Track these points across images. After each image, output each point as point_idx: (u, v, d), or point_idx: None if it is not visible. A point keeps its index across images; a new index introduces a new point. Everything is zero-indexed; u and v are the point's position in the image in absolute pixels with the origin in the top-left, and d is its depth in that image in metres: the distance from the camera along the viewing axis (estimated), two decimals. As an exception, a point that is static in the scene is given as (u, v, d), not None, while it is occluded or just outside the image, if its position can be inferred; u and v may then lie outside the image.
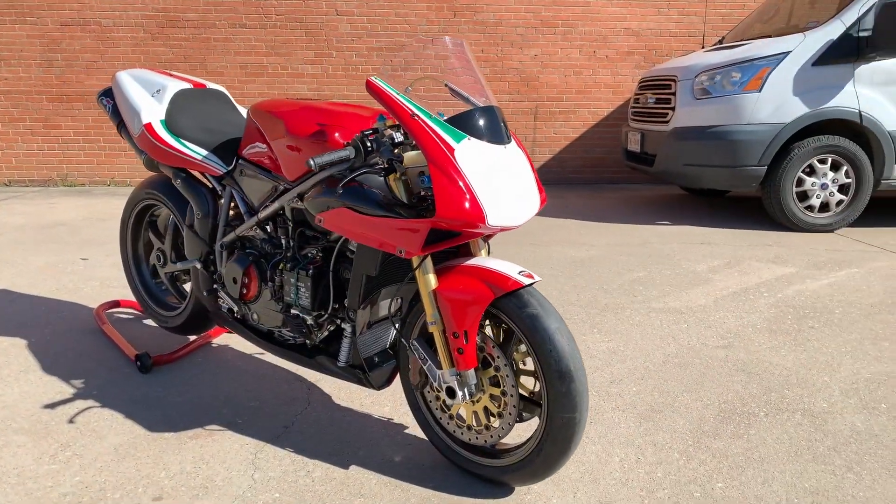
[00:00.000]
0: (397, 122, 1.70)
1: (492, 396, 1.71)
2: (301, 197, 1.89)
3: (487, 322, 1.73)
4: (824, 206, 4.88)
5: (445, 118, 1.61)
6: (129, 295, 3.36)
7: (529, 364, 1.83)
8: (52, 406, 2.23)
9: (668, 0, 6.94)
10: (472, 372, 1.67)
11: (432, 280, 1.70)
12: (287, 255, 2.00)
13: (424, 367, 1.77)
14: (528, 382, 2.20)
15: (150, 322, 3.01)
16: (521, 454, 1.69)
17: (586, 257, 4.22)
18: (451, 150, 1.53)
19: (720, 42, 6.00)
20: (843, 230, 4.96)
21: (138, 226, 2.71)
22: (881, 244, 4.51)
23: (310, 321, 1.97)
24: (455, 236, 1.59)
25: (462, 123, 1.59)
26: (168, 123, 2.31)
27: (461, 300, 1.63)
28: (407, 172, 1.65)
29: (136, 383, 2.40)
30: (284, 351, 2.11)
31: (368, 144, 1.61)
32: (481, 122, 1.59)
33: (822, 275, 3.79)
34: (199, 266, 2.25)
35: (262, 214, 2.01)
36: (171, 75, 2.44)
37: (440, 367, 1.73)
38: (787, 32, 5.04)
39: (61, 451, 1.96)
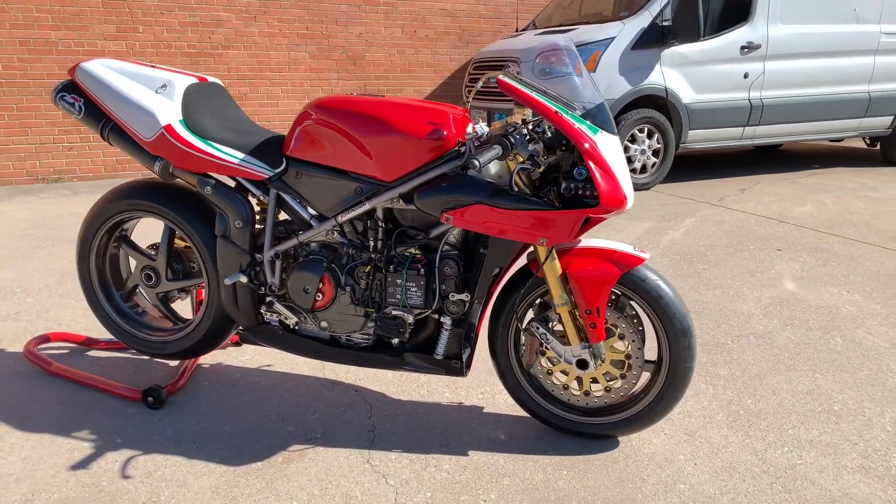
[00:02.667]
0: (517, 120, 1.79)
1: (612, 362, 1.93)
2: (403, 197, 1.87)
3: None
4: (643, 168, 5.83)
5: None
6: (48, 326, 2.82)
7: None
8: (81, 467, 1.89)
9: (474, -17, 7.42)
10: (602, 343, 1.87)
11: (558, 265, 1.85)
12: (379, 257, 1.95)
13: (548, 346, 1.92)
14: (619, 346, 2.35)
15: (98, 354, 2.60)
16: (638, 407, 1.95)
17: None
18: (595, 143, 1.69)
19: (534, 26, 6.66)
20: (658, 186, 5.98)
21: (106, 244, 2.32)
22: (689, 196, 5.55)
23: (410, 320, 1.97)
24: (585, 223, 1.76)
25: (591, 118, 1.75)
26: (188, 123, 2.04)
27: (593, 279, 1.81)
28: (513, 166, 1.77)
29: (156, 423, 2.12)
30: (353, 354, 2.07)
31: (512, 141, 1.69)
32: (603, 115, 1.77)
33: (674, 226, 4.60)
34: (244, 280, 2.05)
35: (345, 217, 1.93)
36: (159, 67, 2.12)
37: (567, 344, 1.90)
38: (587, 20, 5.83)
39: (156, 509, 1.72)
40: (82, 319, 2.92)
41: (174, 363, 2.52)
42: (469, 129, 1.88)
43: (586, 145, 1.67)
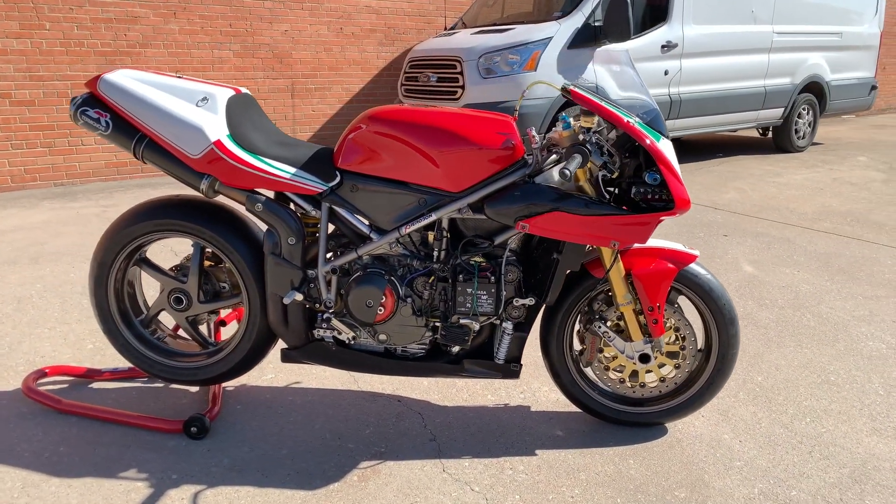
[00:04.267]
0: (583, 127, 1.86)
1: (666, 353, 2.06)
2: (472, 207, 1.89)
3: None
4: (580, 163, 6.10)
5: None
6: (31, 359, 2.56)
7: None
8: (145, 507, 1.78)
9: (397, -20, 7.39)
10: (663, 337, 1.99)
11: (622, 266, 1.95)
12: (442, 267, 1.95)
13: (610, 343, 2.02)
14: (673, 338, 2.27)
15: (102, 386, 2.41)
16: (689, 394, 2.09)
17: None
18: (663, 150, 1.80)
19: (463, 24, 6.75)
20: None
21: (125, 269, 2.15)
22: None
23: (476, 327, 1.99)
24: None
25: (652, 124, 1.85)
26: (235, 138, 1.93)
27: (656, 278, 1.93)
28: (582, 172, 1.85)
29: (205, 453, 2.01)
30: (411, 365, 2.07)
31: (589, 149, 1.76)
32: (659, 121, 1.87)
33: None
34: (299, 297, 1.98)
35: (409, 229, 1.92)
36: (186, 78, 1.99)
37: (629, 340, 2.01)
38: (521, 20, 6.02)
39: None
40: (65, 349, 2.69)
41: (194, 389, 2.39)
42: (533, 137, 1.92)
43: (659, 153, 1.77)
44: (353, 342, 2.08)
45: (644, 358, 2.02)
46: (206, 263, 2.19)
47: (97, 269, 2.11)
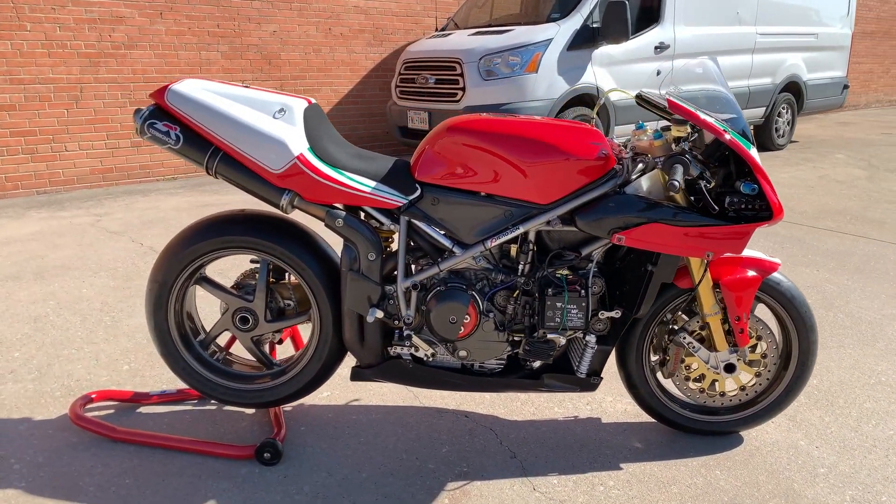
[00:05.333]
0: (675, 136, 1.83)
1: (748, 362, 2.05)
2: (562, 219, 1.85)
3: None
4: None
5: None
6: (67, 384, 2.41)
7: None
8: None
9: (383, -20, 7.29)
10: (748, 347, 1.98)
11: (709, 276, 1.93)
12: (527, 281, 1.91)
13: (696, 354, 2.00)
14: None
15: (151, 410, 2.29)
16: (767, 401, 2.09)
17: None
18: (758, 159, 1.78)
19: (455, 25, 6.69)
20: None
21: (186, 289, 2.04)
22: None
23: (563, 342, 1.95)
24: None
25: (741, 133, 1.84)
26: (315, 151, 1.85)
27: (743, 287, 1.92)
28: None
29: (281, 480, 1.93)
30: (491, 381, 2.02)
31: (688, 159, 1.73)
32: (746, 128, 1.86)
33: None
34: (380, 314, 1.91)
35: (495, 242, 1.86)
36: (255, 88, 1.89)
37: (714, 350, 1.99)
38: (517, 21, 6.02)
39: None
40: (100, 371, 2.55)
41: (250, 411, 2.29)
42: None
43: (759, 165, 1.75)
44: (430, 359, 2.02)
45: (729, 367, 2.01)
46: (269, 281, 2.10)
47: (157, 289, 2.00)
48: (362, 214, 1.97)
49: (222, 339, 2.62)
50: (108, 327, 2.95)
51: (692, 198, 1.88)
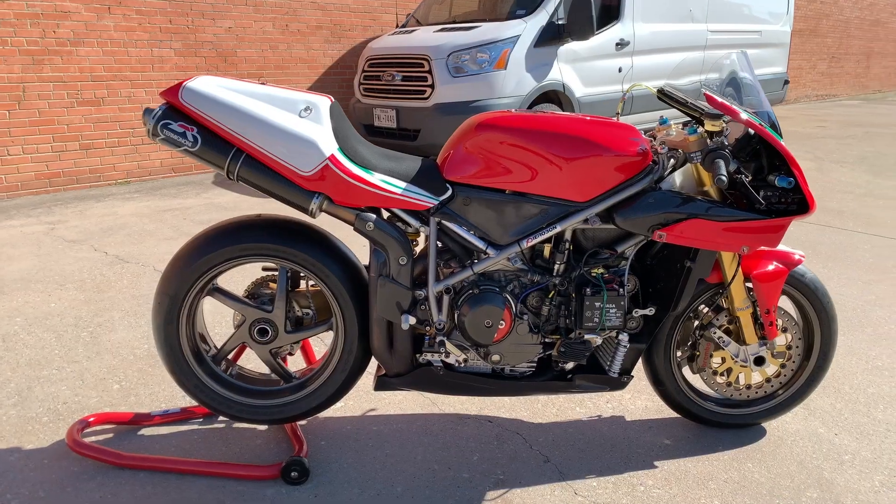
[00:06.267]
0: (710, 131, 1.82)
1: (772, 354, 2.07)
2: (600, 217, 1.81)
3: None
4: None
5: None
6: (53, 407, 2.22)
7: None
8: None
9: (339, -25, 7.13)
10: (777, 339, 2.00)
11: (741, 271, 1.93)
12: (562, 281, 1.86)
13: (726, 348, 2.00)
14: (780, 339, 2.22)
15: (155, 431, 2.13)
16: (790, 392, 2.12)
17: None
18: (794, 155, 1.79)
19: (417, 22, 6.60)
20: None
21: (198, 300, 1.90)
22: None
23: (599, 342, 1.91)
24: None
25: (776, 127, 1.84)
26: (345, 152, 1.74)
27: (772, 279, 1.93)
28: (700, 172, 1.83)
29: (311, 499, 1.82)
30: (523, 385, 1.97)
31: (728, 153, 1.72)
32: (776, 122, 1.87)
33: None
34: (413, 322, 1.82)
35: (531, 242, 1.80)
36: (275, 86, 1.77)
37: (743, 344, 2.00)
38: (483, 17, 6.00)
39: None
40: (87, 392, 2.36)
41: (262, 427, 2.16)
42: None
43: (794, 159, 1.76)
44: (462, 365, 1.95)
45: (759, 360, 2.02)
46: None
47: (168, 302, 1.85)
48: (385, 215, 1.88)
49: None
50: (88, 344, 2.75)
51: (729, 192, 1.87)
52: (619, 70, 6.51)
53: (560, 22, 5.80)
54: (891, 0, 17.25)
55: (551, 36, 5.78)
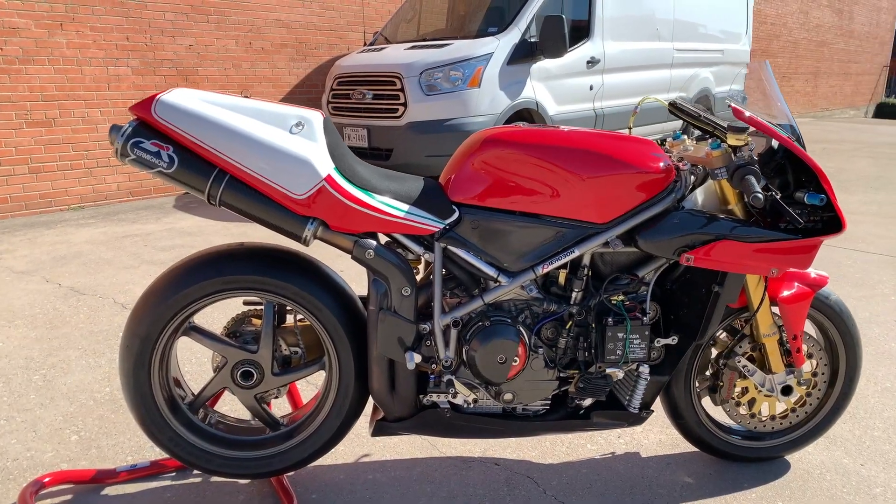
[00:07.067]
0: (733, 145, 1.69)
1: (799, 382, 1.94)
2: (622, 239, 1.66)
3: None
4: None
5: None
6: (19, 462, 1.94)
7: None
8: None
9: (303, -8, 6.96)
10: (805, 366, 1.87)
11: (767, 295, 1.80)
12: (579, 310, 1.70)
13: (751, 377, 1.86)
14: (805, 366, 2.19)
15: (120, 490, 1.88)
16: (815, 421, 1.99)
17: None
18: (825, 172, 1.68)
19: (385, 40, 6.46)
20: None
21: (172, 342, 1.67)
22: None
23: (620, 375, 1.75)
24: None
25: (801, 141, 1.73)
26: (342, 172, 1.55)
27: (799, 303, 1.81)
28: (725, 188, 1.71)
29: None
30: (539, 424, 1.80)
31: (756, 169, 1.59)
32: (801, 138, 1.75)
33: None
34: (419, 360, 1.63)
35: (547, 268, 1.64)
36: (260, 100, 1.58)
37: (770, 373, 1.87)
38: (454, 35, 5.90)
39: None
40: (41, 445, 2.09)
41: (244, 481, 1.93)
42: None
43: (826, 176, 1.64)
44: (471, 406, 1.77)
45: (786, 390, 1.89)
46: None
47: (139, 345, 1.62)
48: (384, 240, 1.70)
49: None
50: (41, 389, 2.47)
51: (755, 210, 1.74)
52: (591, 88, 6.48)
53: (532, 39, 5.73)
54: (835, 23, 17.92)
55: (524, 54, 5.70)
